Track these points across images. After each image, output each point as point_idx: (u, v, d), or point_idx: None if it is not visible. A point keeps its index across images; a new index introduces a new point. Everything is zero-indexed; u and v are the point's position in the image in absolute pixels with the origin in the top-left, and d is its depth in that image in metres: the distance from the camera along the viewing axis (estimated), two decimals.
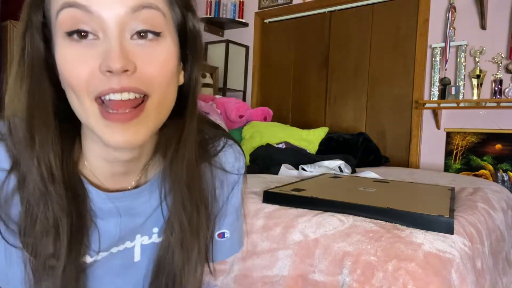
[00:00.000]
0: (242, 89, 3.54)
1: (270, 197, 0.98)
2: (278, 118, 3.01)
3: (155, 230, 0.57)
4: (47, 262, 0.46)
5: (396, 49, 2.78)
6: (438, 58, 2.54)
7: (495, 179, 2.37)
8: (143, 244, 0.57)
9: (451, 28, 2.48)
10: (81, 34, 0.41)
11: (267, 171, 1.64)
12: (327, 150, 2.22)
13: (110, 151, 0.49)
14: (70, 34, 0.41)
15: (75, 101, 0.43)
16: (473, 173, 2.45)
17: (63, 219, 0.46)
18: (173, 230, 0.55)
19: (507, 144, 2.36)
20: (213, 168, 0.60)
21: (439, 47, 2.53)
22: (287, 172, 1.60)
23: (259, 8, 3.46)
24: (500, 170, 2.38)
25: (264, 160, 1.84)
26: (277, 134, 2.31)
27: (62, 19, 0.41)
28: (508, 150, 2.36)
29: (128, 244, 0.56)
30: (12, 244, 0.46)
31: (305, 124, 2.99)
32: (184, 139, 0.52)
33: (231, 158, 0.63)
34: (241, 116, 2.49)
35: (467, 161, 2.48)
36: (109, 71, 0.40)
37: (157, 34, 0.43)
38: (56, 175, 0.45)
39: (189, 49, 0.50)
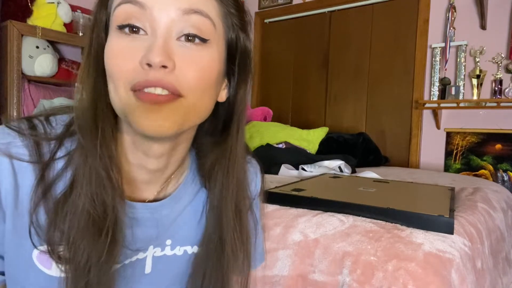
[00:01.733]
0: None
1: (270, 197, 0.98)
2: (278, 118, 3.01)
3: (168, 242, 0.57)
4: (87, 263, 0.45)
5: (396, 49, 2.78)
6: (438, 58, 2.54)
7: (495, 179, 2.37)
8: (155, 256, 0.56)
9: (451, 28, 2.48)
10: (132, 29, 0.43)
11: (267, 171, 1.64)
12: (327, 150, 2.22)
13: (139, 157, 0.50)
14: (121, 27, 0.43)
15: (112, 90, 0.44)
16: (473, 173, 2.45)
17: (122, 209, 0.47)
18: (217, 251, 0.56)
19: (507, 144, 2.36)
20: None
21: (439, 47, 2.53)
22: (287, 172, 1.60)
23: (259, 8, 3.46)
24: (500, 170, 2.38)
25: (264, 160, 1.83)
26: (277, 134, 2.31)
27: (118, 14, 0.43)
28: (508, 150, 2.36)
29: (140, 255, 0.55)
30: (34, 245, 0.46)
31: (305, 124, 2.99)
32: (233, 160, 0.53)
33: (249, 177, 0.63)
34: None
35: (467, 161, 2.48)
36: (148, 64, 0.41)
37: (204, 40, 0.44)
38: (116, 164, 0.47)
39: (238, 67, 0.51)
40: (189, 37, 0.43)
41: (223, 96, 0.52)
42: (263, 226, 0.72)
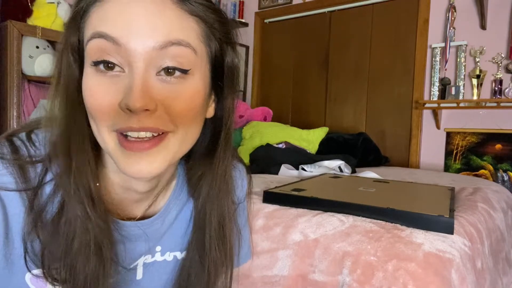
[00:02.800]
0: (242, 89, 3.54)
1: (270, 197, 0.98)
2: (278, 118, 3.01)
3: (158, 248, 0.58)
4: (84, 283, 0.44)
5: (396, 49, 2.78)
6: (438, 58, 2.54)
7: (495, 179, 2.37)
8: (145, 262, 0.57)
9: (451, 28, 2.48)
10: (108, 65, 0.40)
11: (267, 171, 1.64)
12: (327, 150, 2.22)
13: (128, 180, 0.49)
14: (96, 64, 0.41)
15: (95, 129, 0.43)
16: (473, 173, 2.45)
17: (106, 242, 0.46)
18: (201, 257, 0.57)
19: (507, 144, 2.36)
20: None
21: (439, 47, 2.53)
22: (287, 172, 1.60)
23: (259, 8, 3.46)
24: (500, 170, 2.37)
25: (264, 160, 1.84)
26: (277, 134, 2.31)
27: (91, 48, 0.41)
28: (508, 150, 2.36)
29: (132, 265, 0.56)
30: (29, 270, 0.45)
31: (305, 124, 2.99)
32: (221, 171, 0.53)
33: (235, 182, 0.63)
34: (241, 116, 2.49)
35: (467, 161, 2.48)
36: (129, 109, 0.39)
37: (184, 71, 0.42)
38: (96, 199, 0.45)
39: (225, 82, 0.49)
40: (169, 70, 0.41)
41: (211, 112, 0.50)
42: (250, 225, 0.72)
